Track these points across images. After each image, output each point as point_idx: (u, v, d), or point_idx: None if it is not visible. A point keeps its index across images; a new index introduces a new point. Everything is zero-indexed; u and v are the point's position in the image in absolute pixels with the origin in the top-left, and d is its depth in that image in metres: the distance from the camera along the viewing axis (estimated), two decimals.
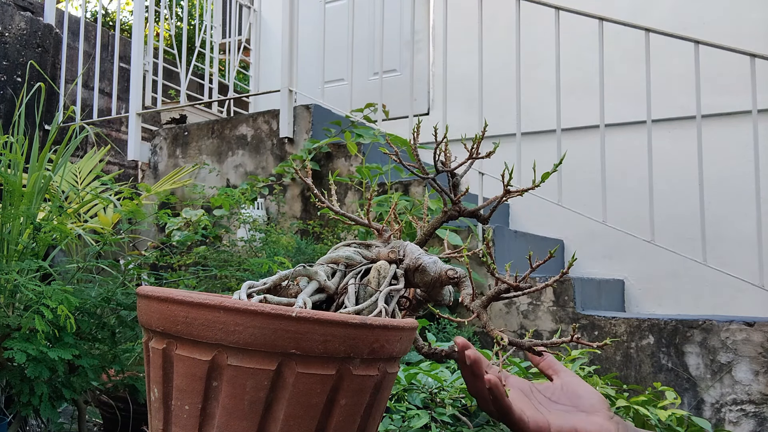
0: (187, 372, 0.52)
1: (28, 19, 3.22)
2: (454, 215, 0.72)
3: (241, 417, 0.51)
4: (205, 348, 0.51)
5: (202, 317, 0.51)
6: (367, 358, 0.54)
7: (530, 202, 2.63)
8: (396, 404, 1.65)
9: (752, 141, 2.40)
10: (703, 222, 2.43)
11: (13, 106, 2.98)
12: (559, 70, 2.72)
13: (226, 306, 0.50)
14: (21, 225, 1.66)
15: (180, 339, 0.53)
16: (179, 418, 0.53)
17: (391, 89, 3.89)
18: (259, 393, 0.51)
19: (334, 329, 0.51)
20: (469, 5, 3.11)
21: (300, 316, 0.50)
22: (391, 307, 0.64)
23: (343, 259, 0.68)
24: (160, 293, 0.54)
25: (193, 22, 5.52)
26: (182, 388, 0.53)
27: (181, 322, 0.52)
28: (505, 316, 2.58)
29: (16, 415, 1.59)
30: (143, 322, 0.57)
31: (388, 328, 0.55)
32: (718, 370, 2.18)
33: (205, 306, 0.51)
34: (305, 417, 0.52)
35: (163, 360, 0.54)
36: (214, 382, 0.51)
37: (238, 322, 0.50)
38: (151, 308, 0.55)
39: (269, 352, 0.50)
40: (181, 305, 0.52)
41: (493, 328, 0.64)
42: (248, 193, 2.98)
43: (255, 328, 0.50)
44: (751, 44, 2.52)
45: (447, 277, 0.66)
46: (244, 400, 0.51)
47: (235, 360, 0.50)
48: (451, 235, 2.44)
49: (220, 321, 0.50)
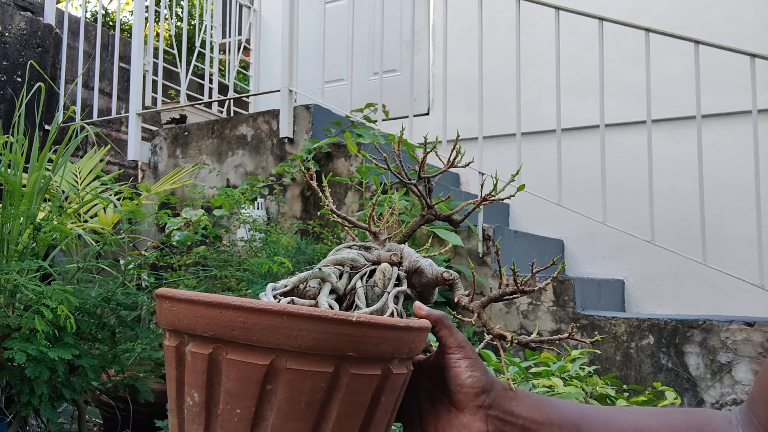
0: (241, 376, 0.54)
1: (28, 19, 3.22)
2: (431, 218, 0.77)
3: (296, 418, 0.54)
4: (264, 352, 0.53)
5: (263, 322, 0.53)
6: (405, 358, 0.59)
7: (530, 202, 2.63)
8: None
9: (752, 141, 2.40)
10: (703, 222, 2.43)
11: (13, 106, 2.98)
12: (559, 70, 2.72)
13: (290, 312, 0.53)
14: (21, 225, 1.66)
15: (233, 344, 0.54)
16: (228, 421, 0.55)
17: (391, 89, 3.89)
18: (315, 394, 0.53)
19: (386, 332, 0.55)
20: (469, 5, 3.11)
21: (359, 320, 0.53)
22: (399, 308, 0.67)
23: (348, 261, 0.71)
24: (208, 298, 0.55)
25: (193, 22, 5.52)
26: (234, 392, 0.54)
27: (237, 327, 0.54)
28: (505, 316, 2.58)
29: (16, 415, 1.59)
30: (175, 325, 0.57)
31: (422, 329, 0.60)
32: (718, 370, 2.18)
33: (266, 312, 0.53)
34: (354, 415, 0.55)
35: (209, 365, 0.55)
36: (269, 386, 0.54)
37: (301, 327, 0.52)
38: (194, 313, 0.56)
39: (328, 356, 0.53)
40: (238, 311, 0.54)
41: (493, 327, 0.67)
42: (248, 193, 2.98)
43: (317, 332, 0.52)
44: (751, 44, 2.52)
45: (443, 279, 0.69)
46: (301, 402, 0.53)
47: (294, 363, 0.53)
48: (450, 235, 2.44)
49: (282, 326, 0.53)
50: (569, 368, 1.69)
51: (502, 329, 0.65)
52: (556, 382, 1.60)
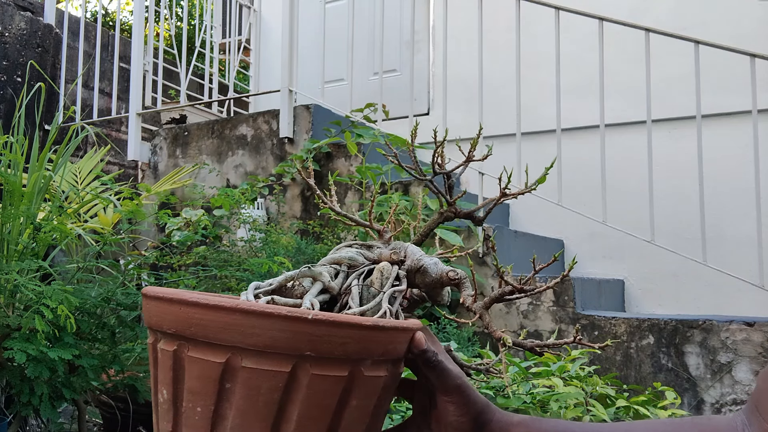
0: (200, 374, 0.53)
1: (28, 19, 3.22)
2: (450, 216, 0.73)
3: (255, 418, 0.52)
4: (220, 350, 0.52)
5: (218, 319, 0.51)
6: (378, 359, 0.55)
7: (530, 203, 2.63)
8: (396, 404, 1.65)
9: (752, 141, 2.40)
10: (703, 222, 2.43)
11: (13, 106, 2.98)
12: (559, 70, 2.72)
13: (243, 308, 0.51)
14: (21, 225, 1.66)
15: (193, 341, 0.53)
16: (190, 419, 0.54)
17: (391, 89, 3.89)
18: (273, 394, 0.51)
19: (349, 331, 0.52)
20: (469, 5, 3.11)
21: (316, 318, 0.51)
22: (395, 308, 0.64)
23: (345, 260, 0.68)
24: (173, 294, 0.54)
25: (193, 22, 5.52)
26: (194, 390, 0.53)
27: (195, 324, 0.52)
28: (505, 316, 2.58)
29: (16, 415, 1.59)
30: (150, 323, 0.57)
31: (398, 329, 0.56)
32: (718, 370, 2.18)
33: (221, 308, 0.51)
34: (318, 418, 0.53)
35: (174, 362, 0.54)
36: (227, 384, 0.52)
37: (255, 324, 0.50)
38: (161, 310, 0.55)
39: (285, 354, 0.51)
40: (195, 307, 0.52)
41: (495, 329, 0.64)
42: (248, 193, 2.98)
43: (272, 330, 0.50)
44: (751, 44, 2.52)
45: (448, 278, 0.66)
46: (259, 401, 0.51)
47: (249, 362, 0.51)
48: (450, 235, 2.44)
49: (237, 323, 0.51)
50: (569, 368, 1.69)
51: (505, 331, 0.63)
52: (556, 382, 1.60)
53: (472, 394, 0.60)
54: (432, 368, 0.59)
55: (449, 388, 0.59)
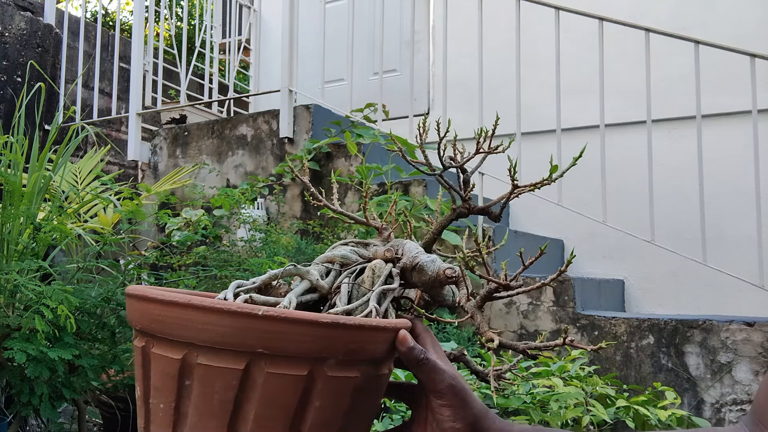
0: (161, 370, 0.52)
1: (28, 19, 3.22)
2: (464, 213, 0.69)
3: (211, 416, 0.51)
4: (178, 346, 0.51)
5: (174, 315, 0.51)
6: (344, 359, 0.52)
7: (530, 203, 2.62)
8: (396, 404, 1.65)
9: (752, 141, 2.40)
10: (703, 222, 2.43)
11: (13, 106, 2.98)
12: (559, 70, 2.72)
13: (195, 304, 0.50)
14: (21, 225, 1.66)
15: (156, 337, 0.53)
16: (156, 416, 0.53)
17: (391, 89, 3.89)
18: (228, 392, 0.50)
19: (304, 328, 0.50)
20: (469, 5, 3.11)
21: (267, 314, 0.49)
22: (383, 307, 0.61)
23: (338, 258, 0.66)
24: (139, 291, 0.54)
25: (193, 22, 5.52)
26: (158, 387, 0.53)
27: (156, 320, 0.52)
28: (505, 316, 2.58)
29: (16, 415, 1.59)
30: (129, 320, 0.58)
31: (365, 328, 0.53)
32: (718, 370, 2.18)
33: (176, 304, 0.51)
34: (276, 418, 0.51)
35: (143, 358, 0.54)
36: (186, 381, 0.51)
37: (206, 320, 0.50)
38: (132, 306, 0.56)
39: (237, 351, 0.50)
40: (155, 303, 0.52)
41: (486, 329, 0.61)
42: (248, 193, 2.98)
43: (223, 326, 0.49)
44: (751, 44, 2.52)
45: (445, 276, 0.63)
46: (214, 400, 0.50)
47: (204, 359, 0.50)
48: (450, 234, 2.43)
49: (190, 319, 0.50)
50: (569, 368, 1.69)
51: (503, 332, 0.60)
52: (556, 382, 1.60)
53: (468, 398, 0.57)
54: (419, 367, 0.57)
55: (441, 390, 0.56)
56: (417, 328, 0.62)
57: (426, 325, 0.63)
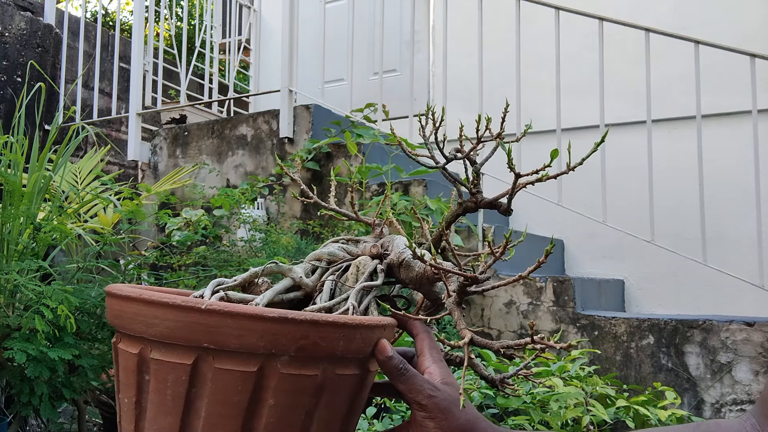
0: (124, 365, 0.53)
1: (28, 19, 3.22)
2: (471, 207, 0.65)
3: (165, 412, 0.51)
4: (135, 341, 0.52)
5: (129, 310, 0.52)
6: (298, 356, 0.50)
7: (530, 202, 2.62)
8: (396, 404, 1.65)
9: (752, 141, 2.40)
10: (703, 222, 2.43)
11: (13, 106, 2.98)
12: (559, 70, 2.72)
13: (145, 299, 0.50)
14: (21, 225, 1.66)
15: (121, 333, 0.54)
16: (123, 410, 0.54)
17: (391, 89, 3.89)
18: (179, 388, 0.50)
19: (248, 323, 0.49)
20: (469, 5, 3.11)
21: (210, 308, 0.49)
22: (363, 304, 0.60)
23: (325, 256, 0.65)
24: (110, 288, 0.55)
25: (193, 22, 5.52)
26: (123, 382, 0.54)
27: (118, 316, 0.53)
28: (506, 316, 2.58)
29: (16, 415, 1.59)
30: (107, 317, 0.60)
31: (319, 323, 0.51)
32: (718, 370, 2.18)
33: (130, 299, 0.52)
34: (228, 415, 0.50)
35: (114, 354, 0.55)
36: (146, 376, 0.51)
37: (155, 314, 0.50)
38: (107, 303, 0.57)
39: (186, 346, 0.50)
40: (116, 299, 0.53)
41: (463, 326, 0.57)
42: (248, 193, 2.98)
43: (170, 321, 0.49)
44: (751, 44, 2.52)
45: (432, 273, 0.61)
46: (167, 395, 0.50)
47: (157, 354, 0.50)
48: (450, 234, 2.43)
49: (142, 314, 0.51)
50: (569, 368, 1.69)
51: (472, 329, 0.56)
52: (556, 382, 1.60)
53: (453, 409, 0.54)
54: (398, 378, 0.53)
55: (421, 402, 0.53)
56: (416, 328, 0.60)
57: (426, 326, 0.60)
